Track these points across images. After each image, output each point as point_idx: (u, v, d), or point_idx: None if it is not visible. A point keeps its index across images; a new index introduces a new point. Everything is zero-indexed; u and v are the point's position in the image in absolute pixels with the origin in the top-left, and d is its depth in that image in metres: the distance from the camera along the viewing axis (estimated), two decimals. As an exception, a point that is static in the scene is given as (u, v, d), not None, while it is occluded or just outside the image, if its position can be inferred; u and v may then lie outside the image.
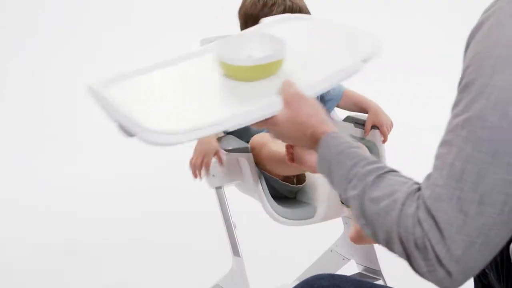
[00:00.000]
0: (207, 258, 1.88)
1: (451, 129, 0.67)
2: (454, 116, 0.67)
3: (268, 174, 1.24)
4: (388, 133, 1.36)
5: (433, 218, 0.65)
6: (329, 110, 1.46)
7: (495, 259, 1.06)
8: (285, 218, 1.21)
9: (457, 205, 0.64)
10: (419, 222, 0.65)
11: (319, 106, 0.84)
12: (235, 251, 1.37)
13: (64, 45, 3.32)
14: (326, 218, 1.23)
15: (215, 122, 0.82)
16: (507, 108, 0.63)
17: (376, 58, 0.95)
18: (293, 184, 1.25)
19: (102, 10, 3.38)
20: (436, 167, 0.67)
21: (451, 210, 0.64)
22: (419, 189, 0.69)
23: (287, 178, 1.25)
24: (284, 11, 1.30)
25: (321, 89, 0.90)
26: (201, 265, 1.85)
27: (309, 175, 1.24)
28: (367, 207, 0.71)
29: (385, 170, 0.73)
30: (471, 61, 0.66)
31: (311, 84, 0.88)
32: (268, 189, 1.22)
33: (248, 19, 1.32)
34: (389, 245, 0.69)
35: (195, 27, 2.63)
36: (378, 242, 0.71)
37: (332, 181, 0.79)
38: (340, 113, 1.51)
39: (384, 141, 1.37)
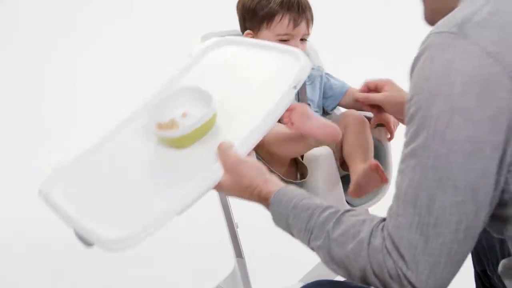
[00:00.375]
0: (208, 259, 1.86)
1: (403, 159, 0.73)
2: (405, 146, 0.73)
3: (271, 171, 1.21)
4: (395, 131, 1.33)
5: (397, 247, 0.70)
6: (330, 107, 1.43)
7: (498, 262, 1.05)
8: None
9: (417, 230, 0.70)
10: (388, 253, 0.71)
11: (260, 165, 0.87)
12: (237, 252, 1.35)
13: (63, 41, 3.30)
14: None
15: (165, 210, 0.82)
16: (444, 135, 0.68)
17: (303, 79, 0.95)
18: (296, 179, 1.23)
19: (102, 4, 3.37)
20: (394, 196, 0.73)
21: (412, 235, 0.70)
22: (381, 220, 0.74)
23: (289, 175, 1.23)
24: (282, 3, 1.27)
25: (257, 139, 0.90)
26: (202, 266, 1.83)
27: (311, 171, 1.21)
28: (335, 253, 0.75)
29: (341, 212, 0.77)
30: (412, 92, 0.72)
31: (246, 138, 0.88)
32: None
33: (246, 12, 1.30)
34: (365, 281, 0.74)
35: (196, 22, 2.61)
36: (354, 280, 0.76)
37: (292, 235, 0.82)
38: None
39: (390, 139, 1.34)
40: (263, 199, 0.85)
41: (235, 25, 1.36)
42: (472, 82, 0.67)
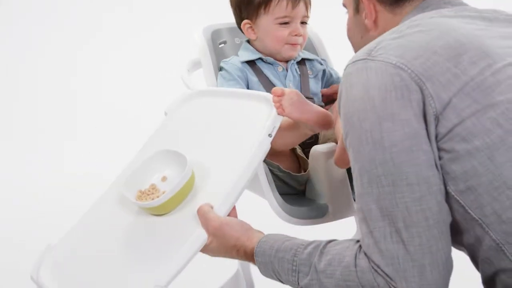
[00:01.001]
0: (210, 260, 1.81)
1: (356, 183, 0.77)
2: (353, 172, 0.78)
3: (273, 166, 1.16)
4: None
5: (381, 262, 0.73)
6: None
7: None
8: (294, 217, 1.14)
9: (392, 239, 0.73)
10: (376, 271, 0.73)
11: (242, 224, 0.90)
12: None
13: (62, 36, 3.27)
14: (338, 216, 1.16)
15: (155, 284, 0.83)
16: (383, 143, 0.74)
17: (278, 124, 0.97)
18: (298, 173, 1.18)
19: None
20: (360, 220, 0.77)
21: (390, 246, 0.72)
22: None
23: (291, 170, 1.18)
24: None
25: (236, 196, 0.91)
26: (205, 268, 1.78)
27: (316, 168, 1.16)
28: (326, 283, 0.77)
29: (323, 244, 0.80)
30: (345, 120, 0.79)
31: (225, 198, 0.90)
32: (276, 187, 1.15)
33: (241, 2, 1.26)
34: None
35: (196, 17, 2.58)
36: None
37: (281, 279, 0.84)
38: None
39: None
40: (249, 256, 0.87)
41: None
42: (388, 91, 0.75)
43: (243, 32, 1.30)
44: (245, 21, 1.27)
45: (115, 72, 3.17)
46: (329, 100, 1.31)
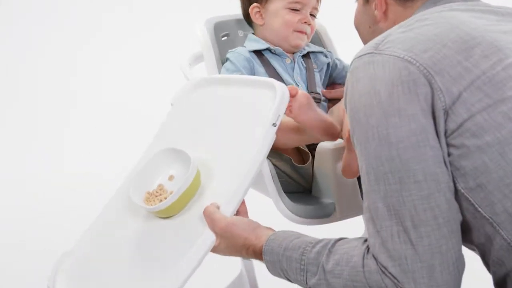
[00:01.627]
0: (213, 261, 1.78)
1: (363, 181, 0.76)
2: (361, 170, 0.76)
3: (274, 156, 1.14)
4: None
5: (388, 263, 0.71)
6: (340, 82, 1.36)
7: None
8: (300, 216, 1.11)
9: (400, 238, 0.71)
10: (384, 272, 0.71)
11: (250, 222, 0.89)
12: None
13: (61, 36, 3.26)
14: (345, 215, 1.13)
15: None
16: (389, 139, 0.72)
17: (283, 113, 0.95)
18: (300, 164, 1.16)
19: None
20: (367, 219, 0.75)
21: (397, 246, 0.71)
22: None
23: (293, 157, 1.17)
24: None
25: (242, 194, 0.90)
26: (208, 269, 1.76)
27: (323, 167, 1.14)
28: (334, 284, 0.76)
29: (332, 243, 0.79)
30: (351, 117, 0.78)
31: (232, 196, 0.89)
32: (281, 185, 1.12)
33: None
34: None
35: (196, 13, 2.56)
36: None
37: (289, 278, 0.82)
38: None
39: None
40: (258, 255, 0.86)
41: (237, 9, 1.30)
42: (395, 85, 0.73)
43: (248, 21, 1.28)
44: (254, 4, 1.25)
45: (115, 72, 3.16)
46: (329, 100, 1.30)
